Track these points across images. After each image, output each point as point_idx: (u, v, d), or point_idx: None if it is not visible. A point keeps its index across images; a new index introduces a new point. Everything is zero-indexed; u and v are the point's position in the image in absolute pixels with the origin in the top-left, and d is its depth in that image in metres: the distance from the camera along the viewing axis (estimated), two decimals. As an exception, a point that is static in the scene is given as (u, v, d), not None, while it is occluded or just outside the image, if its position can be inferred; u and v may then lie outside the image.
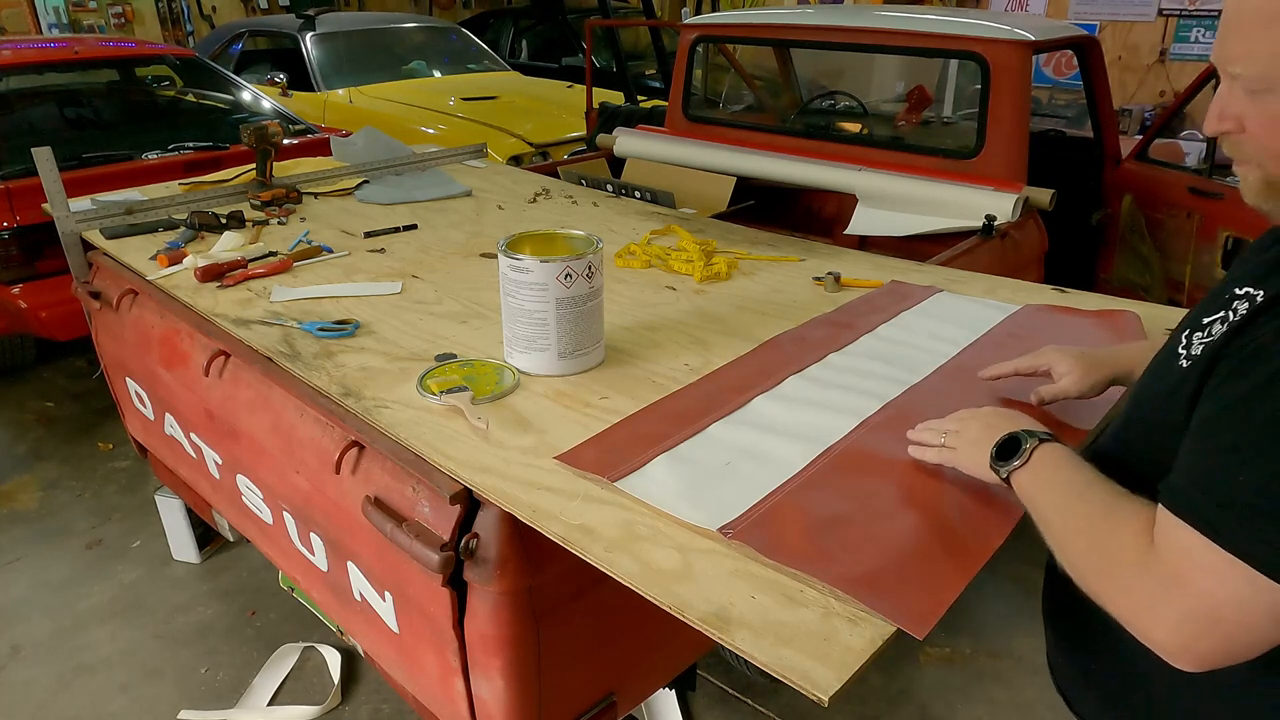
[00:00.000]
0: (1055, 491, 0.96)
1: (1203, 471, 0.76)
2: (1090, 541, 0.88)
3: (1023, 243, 2.48)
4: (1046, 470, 0.98)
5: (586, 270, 1.42)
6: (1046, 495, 0.97)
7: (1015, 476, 1.00)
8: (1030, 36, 2.56)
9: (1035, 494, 0.98)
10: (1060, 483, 0.96)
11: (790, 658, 0.89)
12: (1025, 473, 0.99)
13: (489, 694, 1.31)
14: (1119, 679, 1.02)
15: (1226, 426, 0.75)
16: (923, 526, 1.10)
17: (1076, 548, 0.89)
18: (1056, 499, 0.95)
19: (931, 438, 1.16)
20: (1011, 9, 6.96)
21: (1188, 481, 0.77)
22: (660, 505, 1.12)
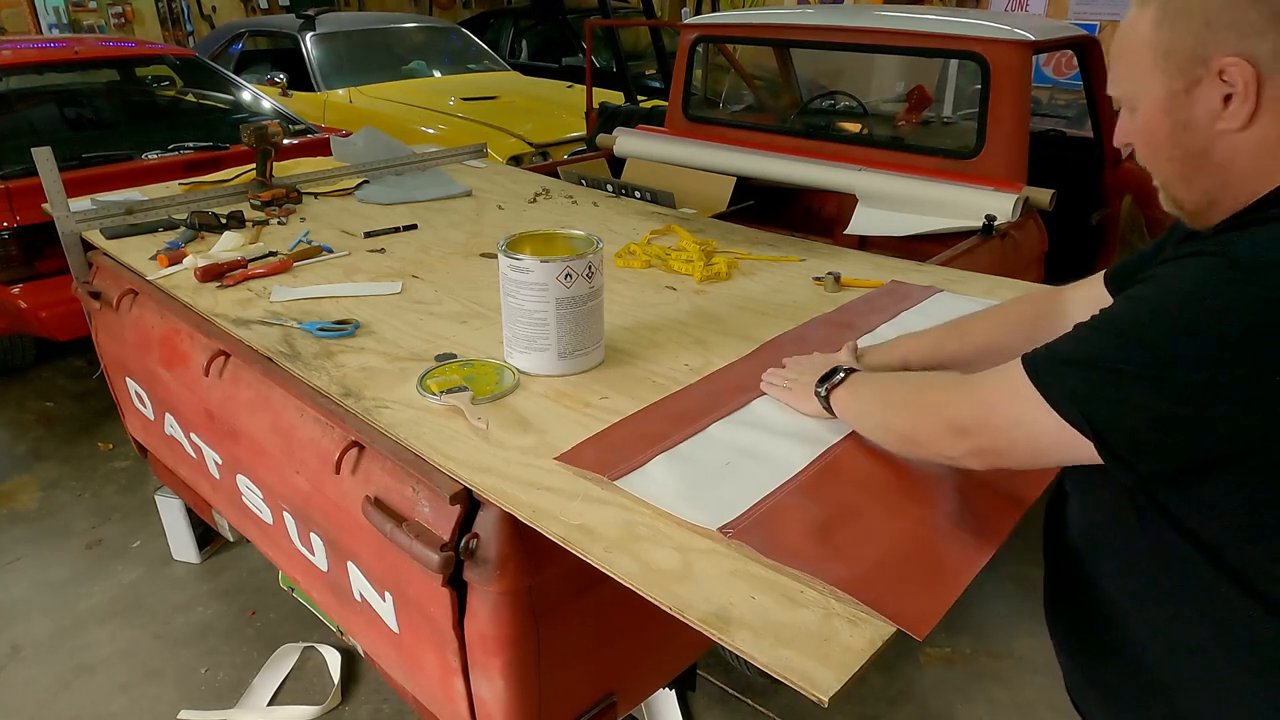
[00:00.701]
0: (869, 388, 1.20)
1: (1055, 342, 0.92)
2: (906, 397, 1.11)
3: (1023, 243, 2.48)
4: (860, 382, 1.22)
5: (586, 270, 1.42)
6: (863, 394, 1.20)
7: (834, 394, 1.23)
8: (1030, 36, 2.56)
9: (851, 400, 1.21)
10: (876, 385, 1.21)
11: (790, 658, 0.89)
12: (842, 389, 1.22)
13: (489, 694, 1.31)
14: (1133, 685, 1.02)
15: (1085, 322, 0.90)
16: (923, 527, 1.10)
17: (893, 409, 1.12)
18: (871, 393, 1.19)
19: (779, 380, 1.38)
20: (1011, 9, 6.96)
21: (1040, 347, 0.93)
22: (660, 505, 1.12)
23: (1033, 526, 1.15)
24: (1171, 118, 0.90)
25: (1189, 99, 0.88)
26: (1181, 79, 0.87)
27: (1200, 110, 0.87)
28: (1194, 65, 0.86)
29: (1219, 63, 0.84)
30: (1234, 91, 0.85)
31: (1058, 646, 1.15)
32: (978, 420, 0.97)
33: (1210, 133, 0.88)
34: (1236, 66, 0.84)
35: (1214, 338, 0.78)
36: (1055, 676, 1.17)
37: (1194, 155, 0.90)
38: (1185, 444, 0.83)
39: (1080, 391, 0.86)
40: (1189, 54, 0.86)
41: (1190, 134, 0.89)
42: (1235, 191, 0.89)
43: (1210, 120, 0.87)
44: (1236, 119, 0.86)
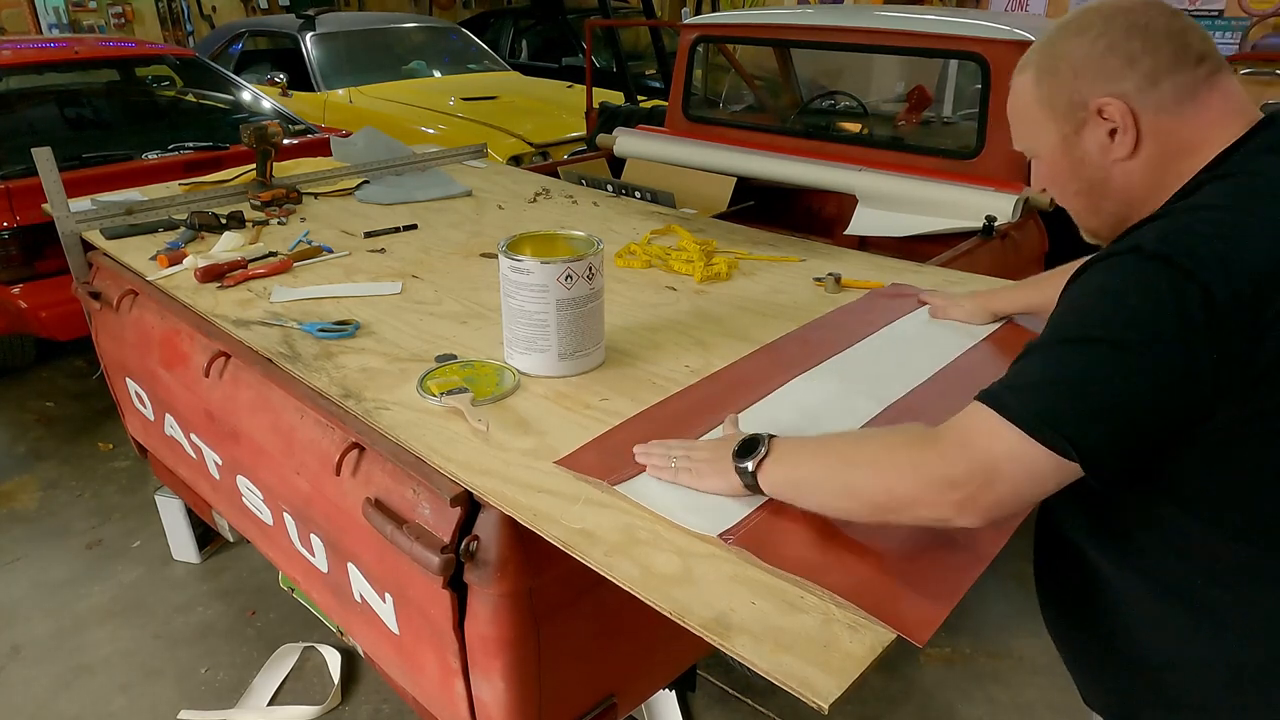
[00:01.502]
0: (811, 456, 1.06)
1: (1007, 374, 0.93)
2: (869, 461, 0.99)
3: (1023, 243, 2.48)
4: (791, 448, 1.08)
5: (587, 271, 1.42)
6: (805, 463, 1.06)
7: (764, 467, 1.08)
8: (1030, 36, 2.55)
9: (791, 470, 1.06)
10: (812, 449, 1.07)
11: (790, 664, 0.89)
12: (770, 460, 1.08)
13: (489, 695, 1.31)
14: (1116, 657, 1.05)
15: (1026, 350, 0.93)
16: (923, 532, 1.09)
17: (860, 476, 0.99)
18: (817, 460, 1.05)
19: (661, 461, 1.19)
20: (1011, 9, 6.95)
21: (995, 383, 0.92)
22: (660, 510, 1.12)
23: (1033, 527, 1.15)
24: (1069, 157, 1.01)
25: (1079, 138, 0.99)
26: (1069, 123, 0.99)
27: (1092, 145, 0.98)
28: (1075, 109, 0.98)
29: (1096, 103, 0.96)
30: (1115, 125, 0.95)
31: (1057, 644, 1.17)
32: (968, 469, 0.90)
33: (1105, 163, 0.98)
34: (1111, 104, 0.95)
35: (1149, 320, 0.83)
36: (1055, 676, 1.18)
37: (1095, 186, 1.01)
38: (1149, 435, 0.86)
39: (1051, 412, 0.86)
40: (1068, 101, 0.98)
41: (1088, 168, 1.00)
42: (1140, 210, 0.97)
43: (1102, 153, 0.98)
44: (1123, 148, 0.96)
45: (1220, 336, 0.80)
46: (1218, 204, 0.88)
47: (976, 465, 0.89)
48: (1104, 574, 1.02)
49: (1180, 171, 0.94)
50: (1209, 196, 0.90)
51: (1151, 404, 0.84)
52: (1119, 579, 1.01)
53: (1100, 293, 0.88)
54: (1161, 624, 0.98)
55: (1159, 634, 0.99)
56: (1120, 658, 1.04)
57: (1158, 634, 0.99)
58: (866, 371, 1.50)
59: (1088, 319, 0.88)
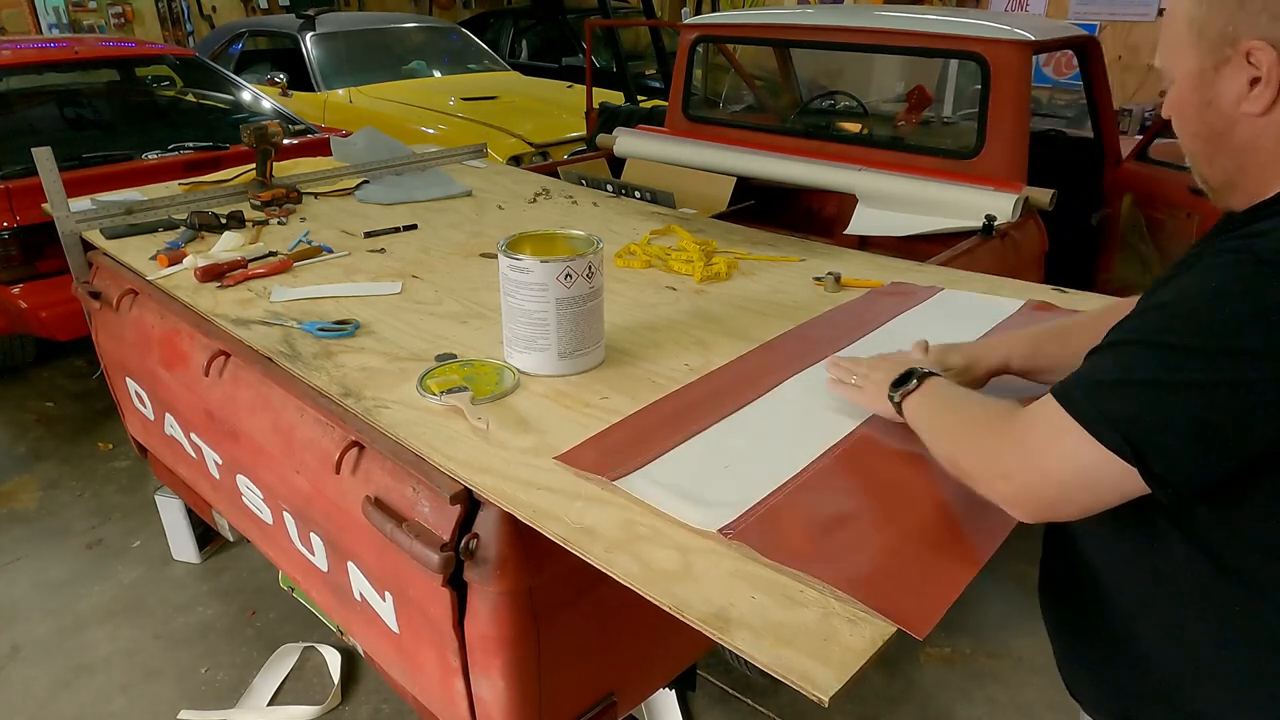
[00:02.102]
0: (939, 403, 1.13)
1: (1082, 366, 0.89)
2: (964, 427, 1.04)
3: (1023, 243, 2.48)
4: (933, 390, 1.15)
5: (586, 270, 1.42)
6: (931, 408, 1.13)
7: (907, 400, 1.16)
8: (1030, 36, 2.56)
9: (921, 410, 1.14)
10: (944, 396, 1.14)
11: (790, 658, 0.89)
12: (915, 395, 1.15)
13: (489, 694, 1.31)
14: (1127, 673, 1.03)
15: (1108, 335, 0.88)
16: (923, 526, 1.10)
17: (952, 438, 1.05)
18: (939, 409, 1.12)
19: (847, 376, 1.31)
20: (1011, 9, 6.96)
21: (1071, 375, 0.89)
22: (660, 506, 1.12)
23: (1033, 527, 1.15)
24: (1199, 94, 0.90)
25: (1216, 77, 0.88)
26: (1211, 56, 0.88)
27: (1226, 90, 0.88)
28: (1223, 44, 0.86)
29: (1247, 45, 0.84)
30: (1259, 75, 0.84)
31: (1047, 624, 1.16)
32: (1020, 463, 0.90)
33: (1233, 114, 0.88)
34: (1263, 50, 0.83)
35: (1248, 334, 0.77)
36: (1055, 676, 1.17)
37: (1216, 134, 0.90)
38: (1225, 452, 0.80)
39: (1117, 412, 0.82)
40: (1219, 32, 0.86)
41: (1214, 113, 0.89)
42: (1255, 175, 0.89)
43: (1235, 101, 0.87)
44: (1259, 103, 0.85)
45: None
46: None
47: (1029, 461, 0.88)
48: (1115, 571, 1.01)
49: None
50: None
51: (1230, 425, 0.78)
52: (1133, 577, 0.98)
53: (1202, 293, 0.81)
54: (1179, 630, 0.95)
55: (1173, 640, 0.96)
56: (1125, 658, 1.02)
57: (1172, 640, 0.96)
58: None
59: (1177, 320, 0.81)
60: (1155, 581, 0.96)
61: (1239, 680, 0.92)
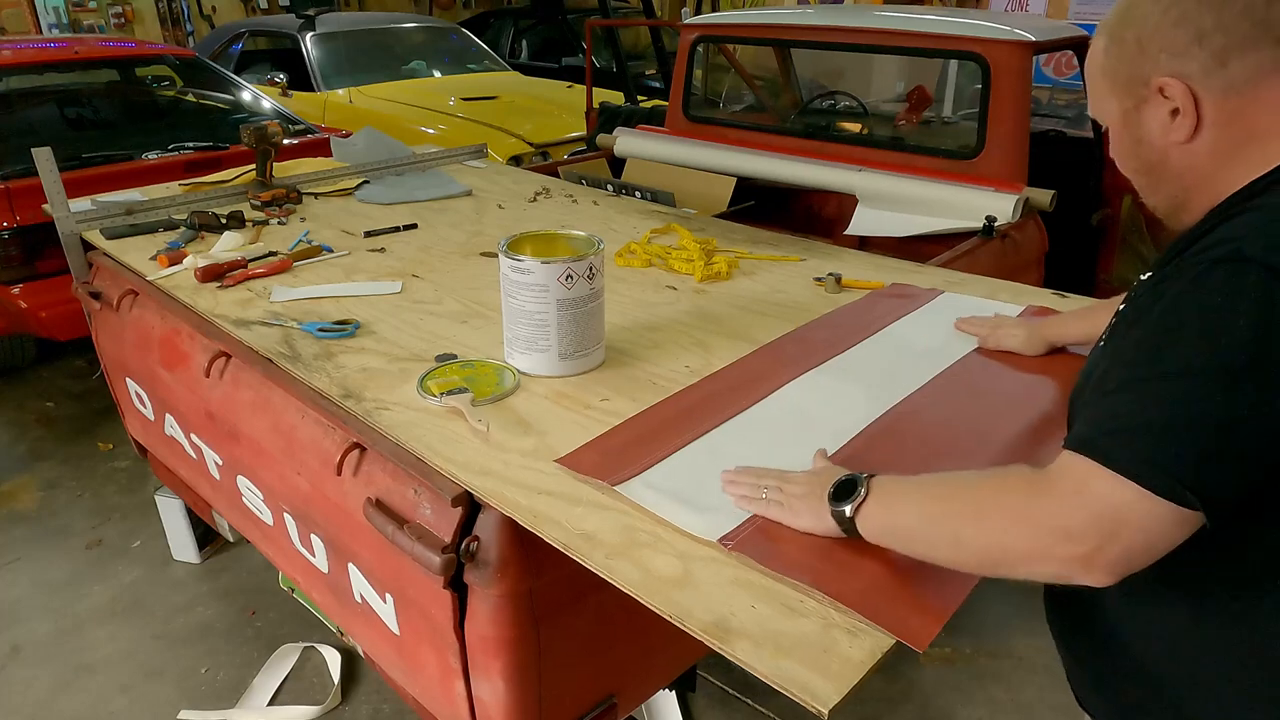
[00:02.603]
0: (913, 501, 0.98)
1: (1094, 414, 0.85)
2: (976, 510, 0.91)
3: (1023, 243, 2.48)
4: (891, 492, 1.00)
5: (587, 271, 1.42)
6: (905, 509, 0.98)
7: (862, 512, 1.00)
8: (1030, 36, 2.56)
9: (893, 515, 0.99)
10: (914, 492, 0.99)
11: (790, 669, 0.89)
12: (871, 503, 1.00)
13: (489, 696, 1.31)
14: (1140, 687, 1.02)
15: (1111, 375, 0.85)
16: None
17: (964, 528, 0.91)
18: (919, 505, 0.98)
19: (755, 491, 1.13)
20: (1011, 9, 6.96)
21: (1083, 426, 0.85)
22: (660, 513, 1.12)
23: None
24: (1129, 133, 0.96)
25: (1139, 115, 0.94)
26: (1130, 98, 0.94)
27: (1152, 124, 0.93)
28: (1137, 85, 0.93)
29: (1158, 81, 0.90)
30: (1176, 106, 0.90)
31: (1056, 639, 1.15)
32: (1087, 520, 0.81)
33: (1164, 144, 0.93)
34: (1173, 84, 0.89)
35: (1253, 343, 0.75)
36: (1055, 676, 1.17)
37: (1153, 166, 0.96)
38: (1260, 466, 0.78)
39: (1163, 458, 0.77)
40: (1130, 75, 0.93)
41: (1146, 147, 0.95)
42: (1200, 195, 0.93)
43: (1162, 133, 0.92)
44: (1183, 131, 0.90)
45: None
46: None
47: (1096, 517, 0.80)
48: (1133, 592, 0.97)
49: (1249, 159, 0.88)
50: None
51: (1270, 433, 0.76)
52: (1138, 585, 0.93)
53: (1198, 312, 0.79)
54: (1186, 641, 0.94)
55: (1181, 651, 0.95)
56: (1133, 669, 1.01)
57: (1180, 651, 0.95)
58: (867, 372, 1.50)
59: (1184, 345, 0.79)
60: (1163, 590, 0.95)
61: (1247, 692, 0.92)
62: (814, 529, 1.06)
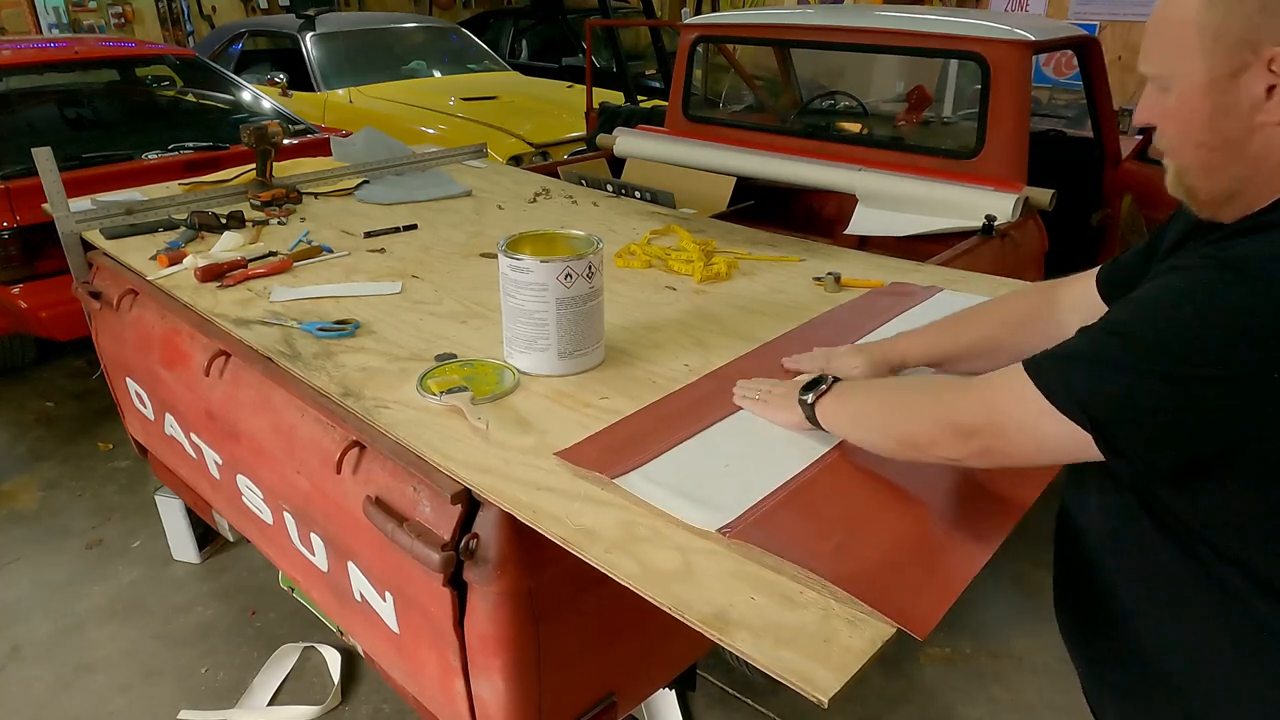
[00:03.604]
0: (861, 396, 1.19)
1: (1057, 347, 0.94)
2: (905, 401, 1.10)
3: (1023, 243, 2.48)
4: (848, 389, 1.20)
5: (587, 270, 1.42)
6: (854, 401, 1.18)
7: (821, 401, 1.20)
8: (1030, 36, 2.56)
9: (842, 407, 1.18)
10: (866, 391, 1.20)
11: (790, 659, 0.89)
12: (830, 396, 1.20)
13: (489, 694, 1.31)
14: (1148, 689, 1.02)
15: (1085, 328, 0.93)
16: (923, 527, 1.10)
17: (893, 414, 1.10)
18: (863, 400, 1.17)
19: (749, 393, 1.35)
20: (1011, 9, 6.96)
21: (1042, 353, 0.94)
22: (659, 505, 1.12)
23: (1033, 527, 1.15)
24: (1211, 102, 0.87)
25: (1232, 84, 0.85)
26: (1227, 63, 0.85)
27: (1243, 98, 0.85)
28: (1243, 50, 0.83)
29: (1270, 51, 0.82)
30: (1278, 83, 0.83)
31: (1070, 647, 1.15)
32: (983, 422, 0.97)
33: (1250, 123, 0.86)
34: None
35: (1208, 334, 0.80)
36: (1055, 676, 1.17)
37: (1230, 143, 0.87)
38: (1182, 439, 0.84)
39: (1081, 387, 0.88)
40: (1239, 38, 0.83)
41: (1231, 120, 0.86)
42: (1259, 186, 0.88)
43: (1252, 110, 0.85)
44: (1278, 112, 0.84)
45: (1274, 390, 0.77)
46: None
47: (990, 418, 0.95)
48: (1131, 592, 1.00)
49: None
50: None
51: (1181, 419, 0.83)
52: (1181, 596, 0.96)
53: (1178, 294, 0.85)
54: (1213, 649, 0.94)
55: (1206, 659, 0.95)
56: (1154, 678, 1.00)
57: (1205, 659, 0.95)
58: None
59: (1144, 313, 0.87)
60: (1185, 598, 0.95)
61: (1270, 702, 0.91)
62: (787, 421, 1.27)
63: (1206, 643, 0.94)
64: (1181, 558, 0.93)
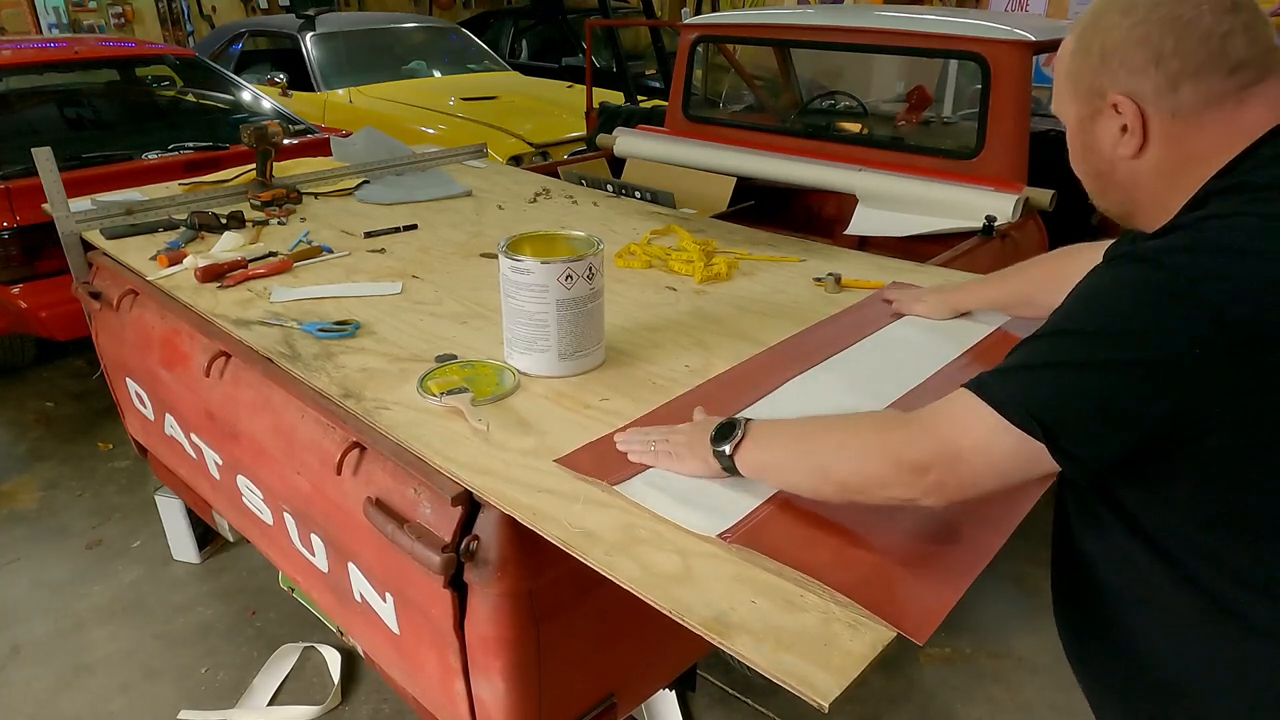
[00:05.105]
0: (786, 439, 1.10)
1: (997, 365, 0.94)
2: (841, 442, 1.03)
3: (1023, 243, 2.48)
4: (766, 432, 1.12)
5: (587, 271, 1.42)
6: (780, 446, 1.10)
7: (740, 450, 1.11)
8: (1030, 36, 2.56)
9: (766, 453, 1.10)
10: (787, 432, 1.11)
11: (790, 663, 0.89)
12: (748, 442, 1.11)
13: (489, 695, 1.31)
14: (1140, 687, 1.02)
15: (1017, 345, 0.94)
16: (922, 530, 1.09)
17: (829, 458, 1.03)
18: (792, 443, 1.09)
19: (640, 447, 1.23)
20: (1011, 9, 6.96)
21: (982, 374, 0.94)
22: (659, 510, 1.12)
23: (1033, 526, 1.15)
24: (1080, 140, 1.00)
25: (1092, 125, 0.97)
26: (1087, 106, 0.97)
27: (1102, 136, 0.97)
28: (1094, 96, 0.95)
29: (1113, 97, 0.93)
30: (1126, 123, 0.93)
31: (1069, 650, 1.15)
32: (934, 453, 0.93)
33: (1112, 156, 0.97)
34: (1125, 102, 0.92)
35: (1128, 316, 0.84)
36: (1055, 676, 1.17)
37: (1101, 174, 1.00)
38: (1125, 427, 0.85)
39: (1023, 392, 0.89)
40: (1089, 85, 0.96)
41: (1096, 155, 0.99)
42: (1146, 206, 0.97)
43: (1111, 146, 0.96)
44: (1129, 148, 0.94)
45: (1211, 358, 0.80)
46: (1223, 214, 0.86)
47: (941, 447, 0.92)
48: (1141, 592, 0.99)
49: (1190, 180, 0.92)
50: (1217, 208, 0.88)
51: (1122, 401, 0.84)
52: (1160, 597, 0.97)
53: (1095, 290, 0.90)
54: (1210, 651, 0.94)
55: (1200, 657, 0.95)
56: (1153, 681, 1.00)
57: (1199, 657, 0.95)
58: (866, 371, 1.50)
59: (1074, 312, 0.90)
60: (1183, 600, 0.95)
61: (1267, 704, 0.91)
62: (700, 472, 1.17)
63: (1191, 641, 0.95)
64: (1154, 557, 0.94)
